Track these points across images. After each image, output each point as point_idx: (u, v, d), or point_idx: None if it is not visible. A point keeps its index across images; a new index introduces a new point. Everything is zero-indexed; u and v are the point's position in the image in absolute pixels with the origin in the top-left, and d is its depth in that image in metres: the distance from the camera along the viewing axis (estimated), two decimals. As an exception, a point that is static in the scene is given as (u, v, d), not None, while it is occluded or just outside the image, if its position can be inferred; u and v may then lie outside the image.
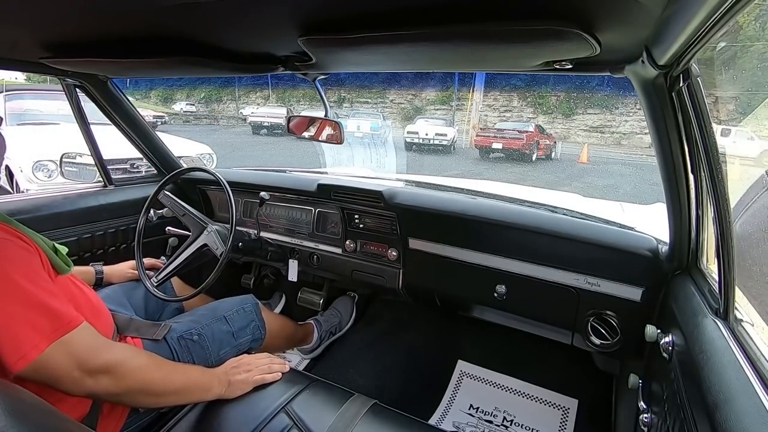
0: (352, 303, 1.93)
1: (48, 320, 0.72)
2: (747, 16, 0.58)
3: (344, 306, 1.90)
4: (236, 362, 1.03)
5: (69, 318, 0.75)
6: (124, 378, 0.79)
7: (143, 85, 19.68)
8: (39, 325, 0.71)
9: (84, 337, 0.76)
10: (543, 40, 0.65)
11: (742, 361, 0.60)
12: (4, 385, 0.59)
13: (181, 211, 1.47)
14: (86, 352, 0.74)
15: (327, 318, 1.80)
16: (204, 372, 0.96)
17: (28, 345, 0.69)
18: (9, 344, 0.68)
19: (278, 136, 14.27)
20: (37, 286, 0.74)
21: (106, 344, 0.80)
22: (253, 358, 1.05)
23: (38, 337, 0.70)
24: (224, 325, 1.19)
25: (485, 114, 16.53)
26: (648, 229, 1.27)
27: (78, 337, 0.75)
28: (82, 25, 0.80)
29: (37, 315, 0.71)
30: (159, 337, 1.04)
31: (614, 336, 1.24)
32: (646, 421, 0.92)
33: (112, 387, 0.77)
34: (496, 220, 1.35)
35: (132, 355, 0.83)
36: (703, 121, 0.71)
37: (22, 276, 0.72)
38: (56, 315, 0.73)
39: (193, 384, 0.91)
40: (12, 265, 0.73)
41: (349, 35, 0.69)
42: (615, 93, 14.47)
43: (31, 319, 0.70)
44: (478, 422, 1.52)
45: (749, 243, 0.92)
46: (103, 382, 0.76)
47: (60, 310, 0.74)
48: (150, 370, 0.83)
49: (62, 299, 0.77)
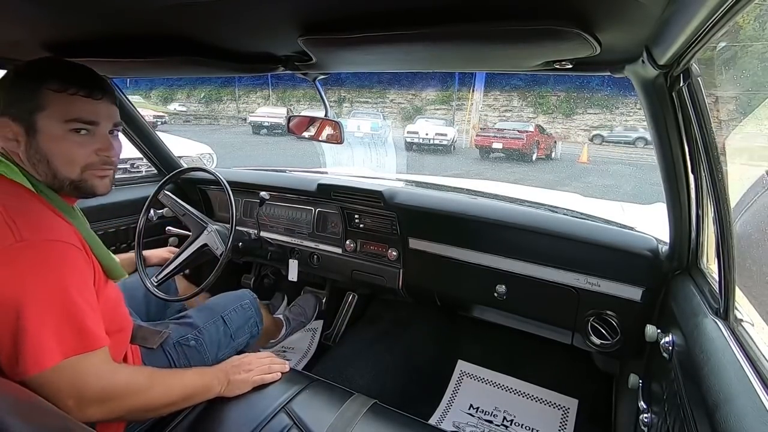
0: (315, 301, 1.93)
1: (75, 336, 0.70)
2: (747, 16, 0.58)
3: (307, 302, 1.91)
4: (238, 361, 1.02)
5: (94, 339, 0.73)
6: (120, 406, 0.76)
7: (143, 85, 19.66)
8: (65, 339, 0.69)
9: (95, 362, 0.73)
10: (543, 40, 0.65)
11: (742, 361, 0.60)
12: (6, 385, 0.59)
13: (182, 210, 1.47)
14: (88, 379, 0.72)
15: (295, 316, 1.82)
16: (202, 374, 0.95)
17: (47, 354, 0.67)
18: (32, 348, 0.66)
19: (278, 136, 14.27)
20: (83, 300, 0.72)
21: (110, 372, 0.77)
22: (254, 358, 1.05)
23: (58, 349, 0.68)
24: (222, 326, 1.18)
25: (485, 114, 16.52)
26: (648, 229, 1.27)
27: (89, 360, 0.72)
28: (82, 24, 0.80)
29: (69, 328, 0.70)
30: (154, 346, 1.01)
31: (614, 336, 1.24)
32: (646, 421, 0.92)
33: (106, 415, 0.75)
34: (496, 220, 1.35)
35: (131, 379, 0.80)
36: (703, 121, 0.71)
37: (75, 288, 0.71)
38: (85, 333, 0.72)
39: (192, 390, 0.90)
40: (71, 275, 0.71)
41: (349, 35, 0.69)
42: (615, 93, 14.46)
43: (62, 330, 0.69)
44: (478, 422, 1.52)
45: (749, 243, 0.92)
46: (95, 412, 0.73)
47: (90, 329, 0.72)
48: (147, 392, 0.81)
49: (98, 316, 0.76)
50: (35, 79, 0.73)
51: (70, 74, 0.76)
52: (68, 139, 0.75)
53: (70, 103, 0.74)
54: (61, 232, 0.73)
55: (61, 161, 0.76)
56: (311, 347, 1.83)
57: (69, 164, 0.76)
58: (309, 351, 1.81)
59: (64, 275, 0.70)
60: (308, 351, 1.81)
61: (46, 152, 0.74)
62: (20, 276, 0.65)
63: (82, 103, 0.76)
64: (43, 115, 0.73)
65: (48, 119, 0.73)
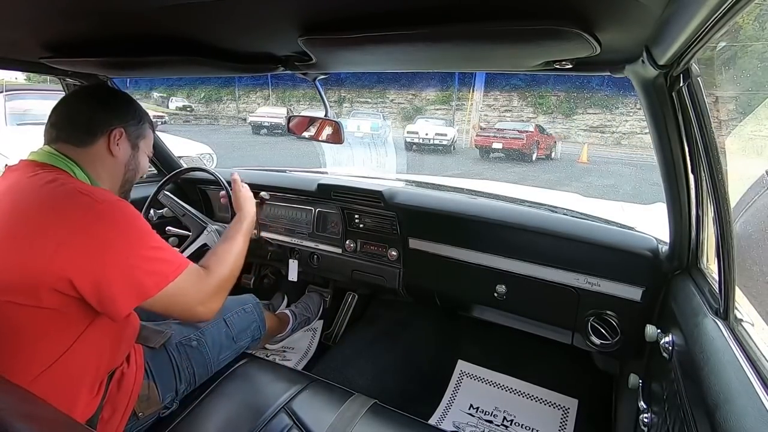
0: (320, 299, 1.94)
1: (172, 260, 0.83)
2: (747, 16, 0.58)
3: (312, 300, 1.92)
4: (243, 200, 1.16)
5: (181, 260, 0.85)
6: (225, 285, 0.92)
7: (143, 85, 19.66)
8: (169, 263, 0.82)
9: (193, 273, 0.86)
10: (543, 39, 0.65)
11: (742, 361, 0.60)
12: (10, 387, 0.59)
13: (181, 211, 1.47)
14: (200, 285, 0.87)
15: (301, 311, 1.83)
16: (237, 233, 1.05)
17: (162, 278, 0.79)
18: (149, 276, 0.78)
19: (278, 136, 14.26)
20: (161, 240, 0.85)
21: (205, 273, 0.90)
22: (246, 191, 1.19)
23: (170, 270, 0.81)
24: (224, 328, 1.18)
25: (485, 114, 16.52)
26: (648, 229, 1.27)
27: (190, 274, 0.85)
28: (82, 25, 0.80)
29: (165, 255, 0.82)
30: (157, 346, 1.02)
31: (614, 336, 1.24)
32: (646, 421, 0.92)
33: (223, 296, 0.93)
34: (496, 220, 1.35)
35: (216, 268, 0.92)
36: (703, 121, 0.71)
37: (151, 230, 0.84)
38: (176, 256, 0.85)
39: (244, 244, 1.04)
40: (145, 222, 0.83)
41: (349, 35, 0.69)
42: (615, 93, 14.45)
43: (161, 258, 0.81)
44: (478, 422, 1.52)
45: (749, 243, 0.92)
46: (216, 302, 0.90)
47: (176, 255, 0.86)
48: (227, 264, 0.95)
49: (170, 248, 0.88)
50: (141, 115, 0.97)
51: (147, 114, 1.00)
52: (147, 159, 1.03)
53: (151, 138, 1.02)
54: None
55: (141, 172, 1.01)
56: (311, 347, 1.83)
57: (139, 174, 1.01)
58: (309, 351, 1.81)
59: (143, 222, 0.83)
60: (308, 351, 1.81)
61: (136, 166, 0.99)
62: (111, 225, 0.77)
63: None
64: (143, 143, 0.99)
65: (145, 145, 0.99)
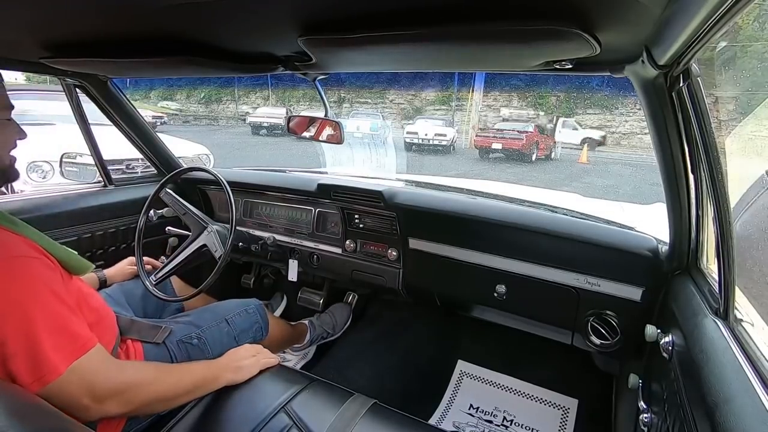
0: (349, 310, 1.91)
1: (70, 343, 0.72)
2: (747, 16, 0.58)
3: (341, 312, 1.89)
4: (238, 351, 1.05)
5: (85, 340, 0.75)
6: (136, 397, 0.79)
7: (143, 85, 19.66)
8: (62, 348, 0.71)
9: (96, 360, 0.75)
10: (543, 40, 0.65)
11: (742, 361, 0.60)
12: (6, 386, 0.59)
13: (182, 209, 1.47)
14: (97, 377, 0.74)
15: (322, 321, 1.80)
16: (208, 365, 0.98)
17: (46, 367, 0.69)
18: (29, 364, 0.68)
19: (278, 136, 14.26)
20: (64, 307, 0.74)
21: (116, 366, 0.80)
22: (250, 347, 1.08)
23: (57, 359, 0.70)
24: (226, 327, 1.19)
25: (485, 114, 16.51)
26: (648, 229, 1.27)
27: (91, 360, 0.74)
28: (81, 25, 0.80)
29: (61, 338, 0.71)
30: (159, 341, 1.03)
31: (614, 336, 1.24)
32: (646, 421, 0.92)
33: (124, 408, 0.77)
34: (496, 220, 1.35)
35: (140, 372, 0.83)
36: (703, 121, 0.71)
37: (52, 297, 0.73)
38: (76, 337, 0.73)
39: (201, 380, 0.93)
40: (43, 286, 0.73)
41: (349, 35, 0.69)
42: (615, 93, 14.44)
43: (56, 341, 0.70)
44: (478, 422, 1.52)
45: (749, 243, 0.92)
46: (113, 406, 0.75)
47: (78, 331, 0.75)
48: (158, 382, 0.84)
49: (80, 317, 0.77)
50: None
51: None
52: None
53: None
54: (16, 247, 0.74)
55: None
56: (311, 347, 1.83)
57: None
58: (309, 351, 1.81)
59: (37, 290, 0.71)
60: (308, 351, 1.81)
61: None
62: None
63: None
64: None
65: None
